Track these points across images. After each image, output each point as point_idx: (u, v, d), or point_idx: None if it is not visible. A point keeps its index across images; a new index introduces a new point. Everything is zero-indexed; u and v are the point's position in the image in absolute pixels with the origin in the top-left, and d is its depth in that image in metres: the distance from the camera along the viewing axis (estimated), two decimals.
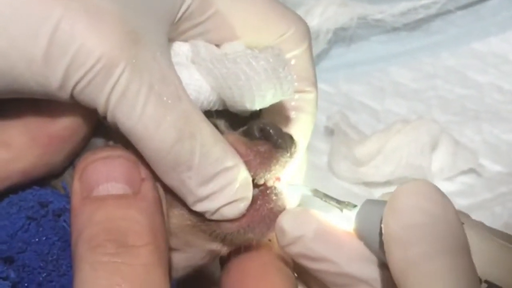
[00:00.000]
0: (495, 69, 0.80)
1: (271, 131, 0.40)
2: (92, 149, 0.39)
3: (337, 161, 0.65)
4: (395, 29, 0.81)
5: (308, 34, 0.43)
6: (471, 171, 0.67)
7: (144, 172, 0.37)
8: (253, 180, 0.39)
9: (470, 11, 0.82)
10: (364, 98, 0.77)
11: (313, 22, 0.41)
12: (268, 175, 0.39)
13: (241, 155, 0.38)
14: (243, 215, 0.38)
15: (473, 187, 0.66)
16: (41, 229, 0.37)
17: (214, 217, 0.38)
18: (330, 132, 0.69)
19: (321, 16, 0.74)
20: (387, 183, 0.60)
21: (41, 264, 0.36)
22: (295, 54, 0.42)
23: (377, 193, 0.63)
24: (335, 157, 0.66)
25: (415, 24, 0.81)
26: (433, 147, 0.65)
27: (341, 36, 0.78)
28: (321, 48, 0.76)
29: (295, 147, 0.41)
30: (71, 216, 0.36)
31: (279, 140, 0.40)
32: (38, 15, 0.33)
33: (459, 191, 0.66)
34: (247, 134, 0.40)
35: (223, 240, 0.39)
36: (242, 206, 0.38)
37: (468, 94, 0.78)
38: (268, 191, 0.40)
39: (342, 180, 0.66)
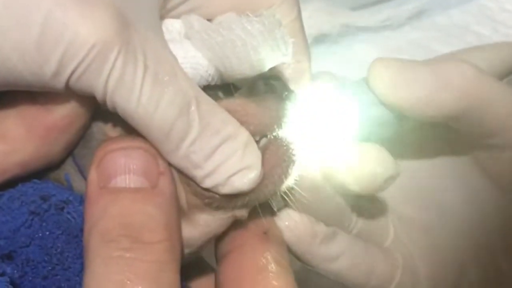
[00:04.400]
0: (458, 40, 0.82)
1: (275, 84, 0.40)
2: (89, 137, 0.38)
3: None
4: None
5: (296, 3, 0.43)
6: None
7: (162, 166, 0.36)
8: (264, 136, 0.39)
9: None
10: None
11: None
12: (277, 127, 0.39)
13: (251, 114, 0.38)
14: None
15: None
16: (44, 224, 0.36)
17: (226, 190, 0.37)
18: None
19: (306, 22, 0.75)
20: None
21: (45, 258, 0.36)
22: (285, 23, 0.42)
23: None
24: None
25: None
26: None
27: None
28: None
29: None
30: (86, 204, 0.35)
31: (285, 93, 0.40)
32: (28, 6, 0.32)
33: None
34: (253, 90, 0.40)
35: (243, 203, 0.39)
36: (253, 175, 0.37)
37: None
38: (276, 140, 0.39)
39: None
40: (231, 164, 0.37)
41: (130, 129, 0.36)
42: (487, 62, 0.50)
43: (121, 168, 0.35)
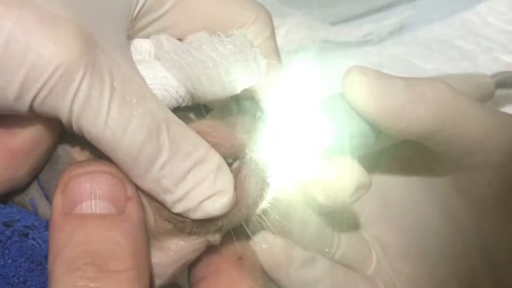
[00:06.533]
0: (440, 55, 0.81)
1: (248, 104, 0.39)
2: (55, 160, 0.37)
3: None
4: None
5: (270, 22, 0.42)
6: None
7: (130, 191, 0.35)
8: (236, 158, 0.38)
9: None
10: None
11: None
12: (250, 148, 0.38)
13: (223, 136, 0.37)
14: None
15: None
16: (6, 251, 0.35)
17: (197, 215, 0.36)
18: None
19: (285, 37, 0.74)
20: None
21: None
22: (258, 42, 0.41)
23: None
24: None
25: None
26: None
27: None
28: None
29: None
30: (50, 231, 0.34)
31: (258, 113, 0.39)
32: None
33: None
34: (225, 111, 0.39)
35: (216, 227, 0.37)
36: (225, 200, 0.36)
37: None
38: (249, 163, 0.38)
39: None
40: (203, 189, 0.36)
41: (98, 153, 0.35)
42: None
43: (86, 193, 0.34)
